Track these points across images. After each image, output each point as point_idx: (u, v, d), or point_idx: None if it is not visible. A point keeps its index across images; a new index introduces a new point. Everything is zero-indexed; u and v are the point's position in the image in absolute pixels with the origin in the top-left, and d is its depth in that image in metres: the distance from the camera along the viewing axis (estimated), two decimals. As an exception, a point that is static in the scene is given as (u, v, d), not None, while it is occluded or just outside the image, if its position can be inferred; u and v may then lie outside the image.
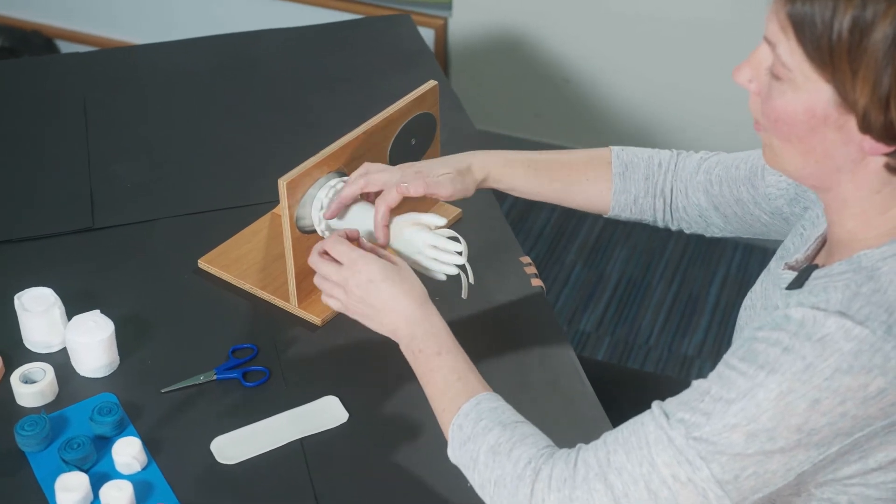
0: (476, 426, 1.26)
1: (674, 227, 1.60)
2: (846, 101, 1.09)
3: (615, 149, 1.58)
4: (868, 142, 1.10)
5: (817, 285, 1.15)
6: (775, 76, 1.12)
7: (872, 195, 1.16)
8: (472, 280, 1.50)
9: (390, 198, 1.49)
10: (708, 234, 1.59)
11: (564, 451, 1.20)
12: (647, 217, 1.59)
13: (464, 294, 1.50)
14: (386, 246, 1.50)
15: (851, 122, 1.10)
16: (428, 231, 1.48)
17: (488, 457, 1.23)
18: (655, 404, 1.17)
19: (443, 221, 1.47)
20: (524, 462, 1.20)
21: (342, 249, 1.40)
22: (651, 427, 1.15)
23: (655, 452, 1.14)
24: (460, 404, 1.29)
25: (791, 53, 1.09)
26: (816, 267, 1.22)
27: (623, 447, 1.16)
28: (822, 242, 1.29)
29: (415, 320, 1.36)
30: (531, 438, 1.23)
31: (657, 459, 1.13)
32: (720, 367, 1.15)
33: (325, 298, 1.44)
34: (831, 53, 1.07)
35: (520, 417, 1.28)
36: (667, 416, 1.15)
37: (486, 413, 1.27)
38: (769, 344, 1.11)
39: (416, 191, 1.49)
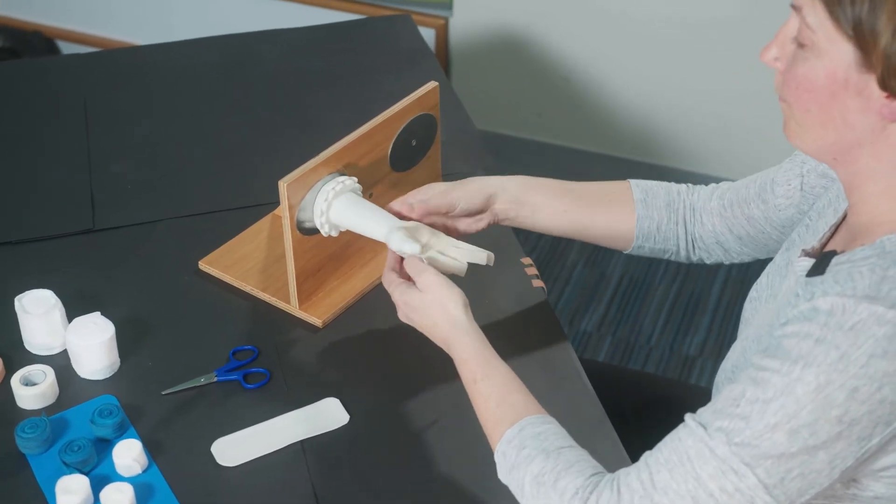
0: (519, 454, 1.25)
1: (694, 258, 1.60)
2: (867, 59, 1.10)
3: (632, 181, 1.59)
4: (887, 106, 1.11)
5: (840, 271, 1.14)
6: (800, 44, 1.14)
7: (894, 171, 1.16)
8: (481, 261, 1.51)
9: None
10: (727, 262, 1.59)
11: (608, 477, 1.19)
12: (670, 246, 1.58)
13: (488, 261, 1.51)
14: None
15: (871, 86, 1.11)
16: (398, 237, 1.48)
17: (533, 487, 1.22)
18: (689, 417, 1.16)
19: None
20: (570, 493, 1.19)
21: (391, 284, 1.46)
22: (690, 441, 1.14)
23: (699, 466, 1.13)
24: (503, 431, 1.28)
25: (815, 13, 1.11)
26: (835, 253, 1.21)
27: (665, 466, 1.15)
28: (835, 230, 1.29)
29: (449, 344, 1.39)
30: (577, 466, 1.22)
31: (702, 473, 1.12)
32: (750, 370, 1.14)
33: None
34: (852, 11, 1.09)
35: (566, 442, 1.26)
36: (704, 427, 1.14)
37: (529, 440, 1.26)
38: (800, 338, 1.11)
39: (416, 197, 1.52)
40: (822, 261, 1.22)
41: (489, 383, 1.33)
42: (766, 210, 1.50)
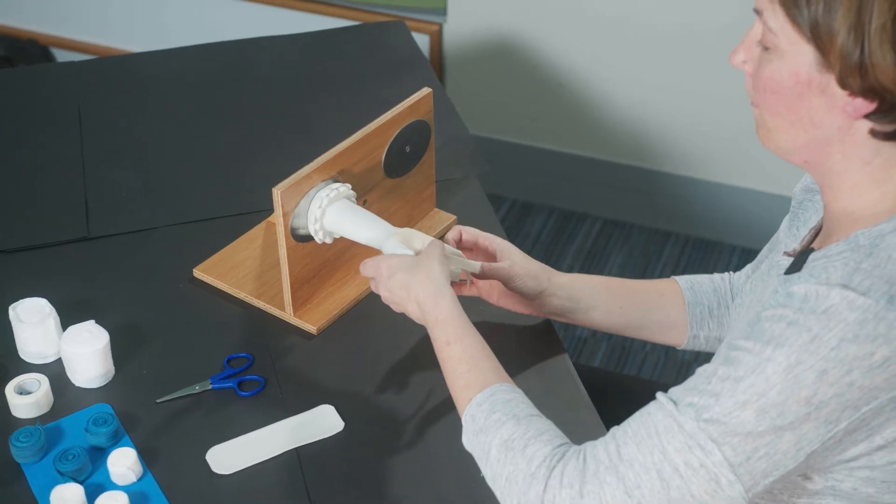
0: (489, 418, 1.27)
1: None
2: (826, 59, 1.12)
3: (675, 276, 1.60)
4: (850, 104, 1.13)
5: (816, 266, 1.17)
6: (764, 46, 1.17)
7: (864, 167, 1.18)
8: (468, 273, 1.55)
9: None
10: None
11: (574, 448, 1.21)
12: (725, 331, 1.58)
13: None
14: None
15: (833, 85, 1.14)
16: (392, 243, 1.51)
17: (500, 451, 1.23)
18: (660, 394, 1.18)
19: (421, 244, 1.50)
20: (538, 461, 1.20)
21: (369, 264, 1.47)
22: (659, 416, 1.15)
23: (666, 440, 1.14)
24: (472, 394, 1.30)
25: (775, 16, 1.14)
26: (813, 250, 1.23)
27: (633, 439, 1.16)
28: (816, 232, 1.31)
29: (426, 307, 1.39)
30: (546, 435, 1.23)
31: (668, 447, 1.14)
32: (725, 349, 1.16)
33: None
34: (808, 13, 1.11)
35: (535, 410, 1.28)
36: (674, 402, 1.15)
37: (499, 405, 1.27)
38: (774, 321, 1.12)
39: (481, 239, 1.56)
40: (799, 258, 1.25)
41: (461, 346, 1.35)
42: None
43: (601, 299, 1.56)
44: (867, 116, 1.14)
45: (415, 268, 1.42)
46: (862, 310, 1.09)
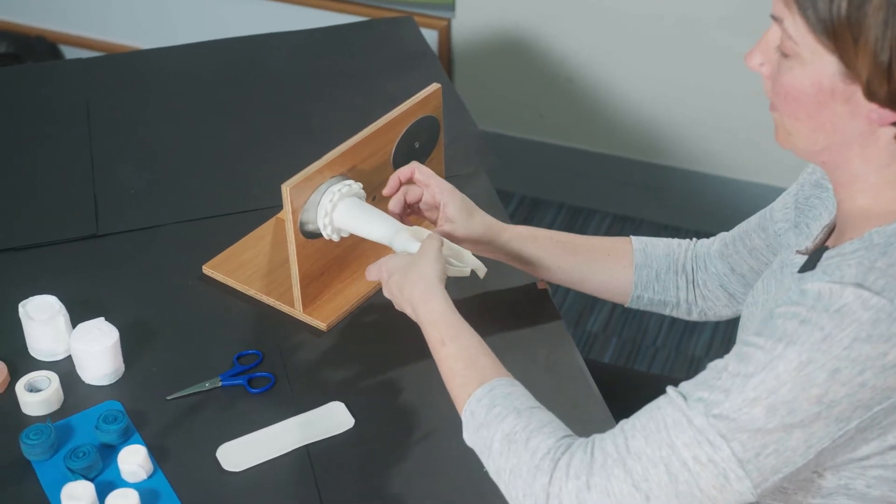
0: (489, 413, 1.26)
1: (695, 311, 1.60)
2: (851, 70, 1.11)
3: (633, 236, 1.62)
4: (876, 111, 1.12)
5: (830, 264, 1.16)
6: (784, 53, 1.15)
7: (882, 169, 1.18)
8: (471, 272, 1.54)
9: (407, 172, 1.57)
10: (730, 313, 1.60)
11: (581, 441, 1.20)
12: (670, 297, 1.59)
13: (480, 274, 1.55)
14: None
15: (858, 94, 1.12)
16: (402, 239, 1.51)
17: (503, 445, 1.23)
18: (670, 388, 1.17)
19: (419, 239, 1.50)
20: (542, 453, 1.20)
21: (373, 270, 1.49)
22: (669, 410, 1.15)
23: (675, 434, 1.13)
24: (470, 391, 1.30)
25: (796, 27, 1.12)
26: (827, 249, 1.22)
27: (641, 432, 1.16)
28: (830, 231, 1.31)
29: (417, 307, 1.39)
30: (548, 427, 1.23)
31: (677, 441, 1.13)
32: (737, 345, 1.16)
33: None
34: (832, 23, 1.10)
35: (535, 403, 1.27)
36: (684, 397, 1.15)
37: (499, 399, 1.27)
38: (786, 318, 1.11)
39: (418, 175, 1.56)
40: (813, 257, 1.24)
41: (457, 345, 1.34)
42: (766, 238, 1.51)
43: (542, 256, 1.59)
44: (893, 124, 1.13)
45: (408, 268, 1.42)
46: (876, 309, 1.08)
